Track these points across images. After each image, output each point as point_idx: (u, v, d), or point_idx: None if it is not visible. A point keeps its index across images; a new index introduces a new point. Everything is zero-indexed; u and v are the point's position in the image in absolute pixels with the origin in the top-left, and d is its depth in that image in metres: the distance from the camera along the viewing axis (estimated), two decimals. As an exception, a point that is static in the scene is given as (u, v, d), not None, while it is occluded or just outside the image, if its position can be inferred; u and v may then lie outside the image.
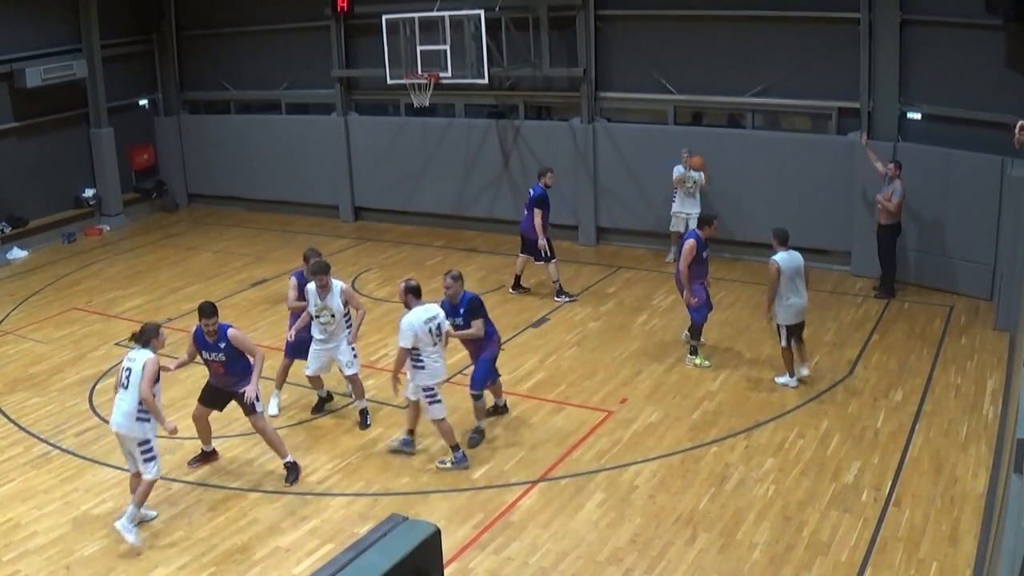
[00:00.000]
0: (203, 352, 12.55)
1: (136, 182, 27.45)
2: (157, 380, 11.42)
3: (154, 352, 11.60)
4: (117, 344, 17.58)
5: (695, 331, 15.82)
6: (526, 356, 16.23)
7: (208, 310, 12.35)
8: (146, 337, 11.67)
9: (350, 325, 14.11)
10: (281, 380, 14.94)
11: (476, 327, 13.23)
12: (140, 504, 11.42)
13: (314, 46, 25.06)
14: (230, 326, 12.46)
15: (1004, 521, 7.52)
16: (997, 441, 12.71)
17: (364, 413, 14.26)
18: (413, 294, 12.70)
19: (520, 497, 12.05)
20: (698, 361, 15.74)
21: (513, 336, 17.13)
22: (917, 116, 18.64)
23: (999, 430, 12.98)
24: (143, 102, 27.68)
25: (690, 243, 15.27)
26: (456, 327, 13.20)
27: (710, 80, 20.64)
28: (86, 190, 25.91)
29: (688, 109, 21.42)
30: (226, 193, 27.34)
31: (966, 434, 13.14)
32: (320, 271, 13.73)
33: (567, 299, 18.68)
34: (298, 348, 14.53)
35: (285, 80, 25.98)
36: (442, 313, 12.85)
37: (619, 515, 11.58)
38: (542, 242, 18.38)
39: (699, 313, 15.66)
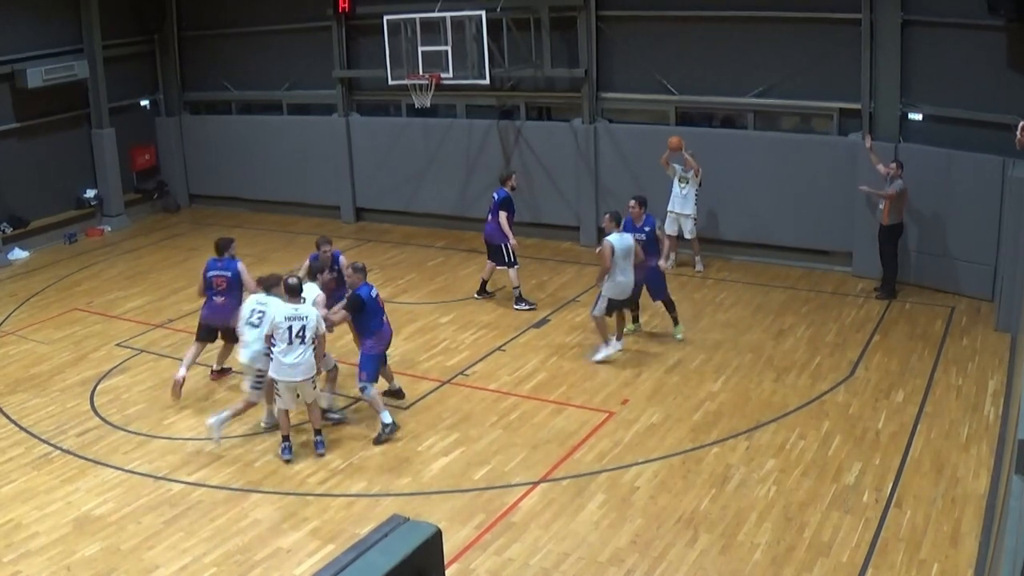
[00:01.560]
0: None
1: (137, 183, 27.44)
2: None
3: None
4: (118, 345, 17.60)
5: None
6: (528, 357, 16.24)
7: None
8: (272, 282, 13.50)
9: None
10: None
11: (337, 316, 13.78)
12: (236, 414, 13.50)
13: (315, 47, 25.07)
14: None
15: (1005, 522, 7.51)
16: (998, 442, 12.71)
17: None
18: (289, 291, 13.04)
19: (521, 498, 12.05)
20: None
21: (515, 337, 17.15)
22: (918, 117, 18.63)
23: (1000, 431, 12.98)
24: (144, 103, 27.68)
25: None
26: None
27: (711, 81, 20.64)
28: (87, 191, 25.91)
29: (689, 110, 21.39)
30: (227, 194, 27.34)
31: (967, 435, 13.13)
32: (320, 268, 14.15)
33: (526, 307, 18.49)
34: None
35: (286, 81, 25.99)
36: (313, 315, 12.90)
37: (620, 516, 11.57)
38: (513, 242, 18.30)
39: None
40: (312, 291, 13.58)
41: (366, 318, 13.63)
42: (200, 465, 13.18)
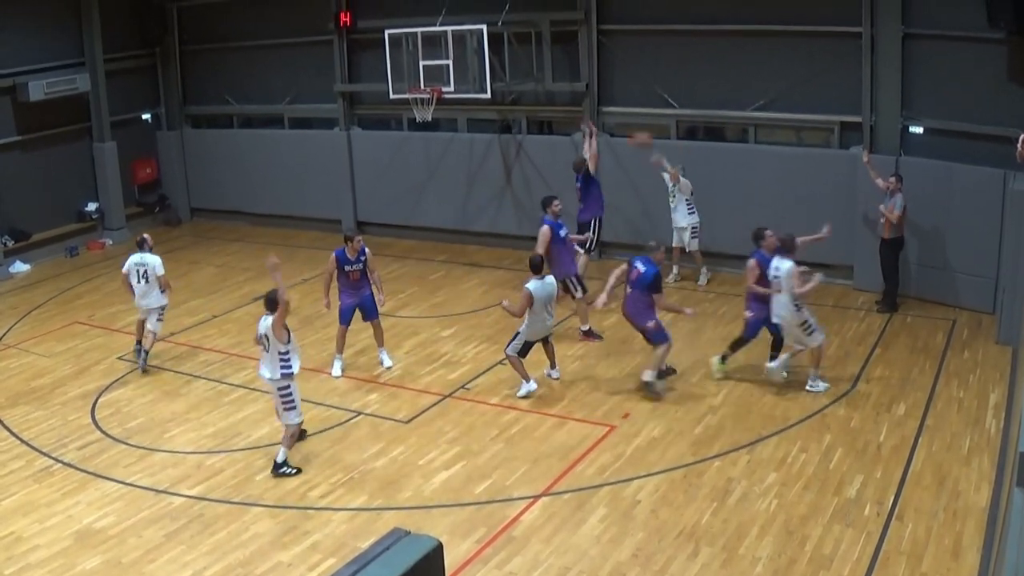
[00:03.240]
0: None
1: (139, 196, 27.52)
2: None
3: None
4: (119, 358, 17.60)
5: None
6: (529, 370, 16.21)
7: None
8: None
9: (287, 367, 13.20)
10: (341, 345, 16.60)
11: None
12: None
13: (317, 61, 25.13)
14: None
15: (1007, 536, 7.51)
16: (1000, 455, 12.69)
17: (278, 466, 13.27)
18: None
19: (522, 512, 12.03)
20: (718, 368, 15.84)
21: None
22: (919, 130, 18.65)
23: (1002, 444, 12.96)
24: (146, 116, 27.78)
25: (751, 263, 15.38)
26: None
27: (712, 94, 20.66)
28: (89, 204, 25.99)
29: (690, 123, 21.40)
30: (228, 207, 27.38)
31: (969, 448, 13.11)
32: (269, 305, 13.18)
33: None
34: (345, 314, 16.38)
35: (288, 95, 26.05)
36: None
37: (621, 530, 11.56)
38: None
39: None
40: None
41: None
42: (201, 479, 13.17)
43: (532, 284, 14.98)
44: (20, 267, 23.77)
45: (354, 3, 24.23)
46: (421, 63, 20.80)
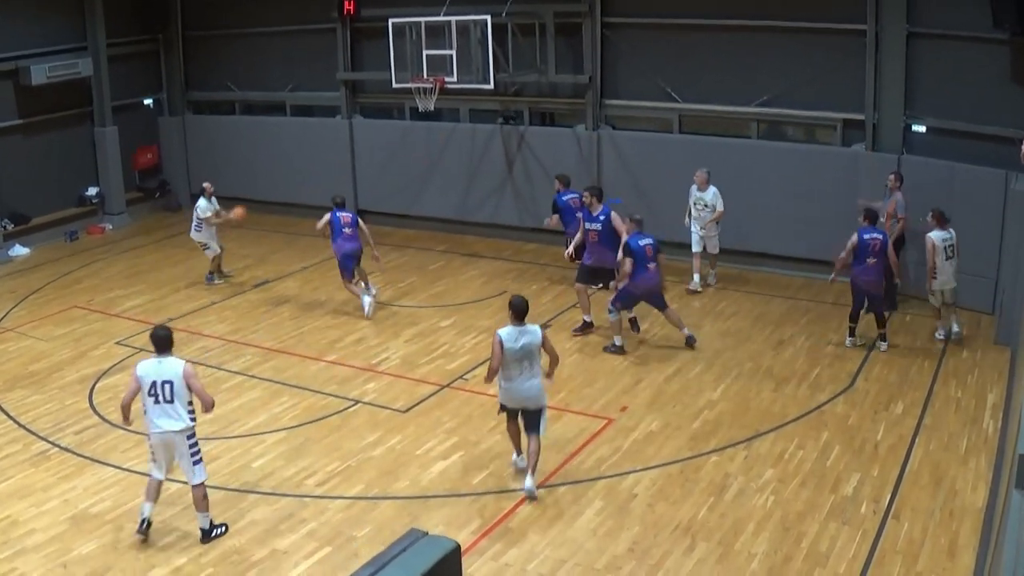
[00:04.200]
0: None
1: (139, 181, 27.47)
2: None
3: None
4: (118, 343, 17.60)
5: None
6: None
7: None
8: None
9: (192, 414, 11.38)
10: (358, 286, 18.77)
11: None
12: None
13: (320, 49, 25.09)
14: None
15: (1004, 536, 7.51)
16: (997, 455, 12.70)
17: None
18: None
19: (519, 504, 12.03)
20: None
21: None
22: (922, 129, 18.65)
23: (999, 444, 12.97)
24: (148, 102, 27.73)
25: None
26: None
27: (715, 89, 20.63)
28: (89, 188, 25.95)
29: (693, 118, 21.38)
30: (229, 194, 27.12)
31: (966, 448, 13.13)
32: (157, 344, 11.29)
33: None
34: (344, 264, 18.44)
35: (290, 82, 26.02)
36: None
37: (618, 523, 11.56)
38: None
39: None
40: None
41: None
42: (198, 465, 13.17)
43: (503, 330, 12.04)
44: (19, 251, 23.75)
45: (358, -9, 24.21)
46: (424, 52, 20.76)
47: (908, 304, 18.29)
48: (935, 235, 16.09)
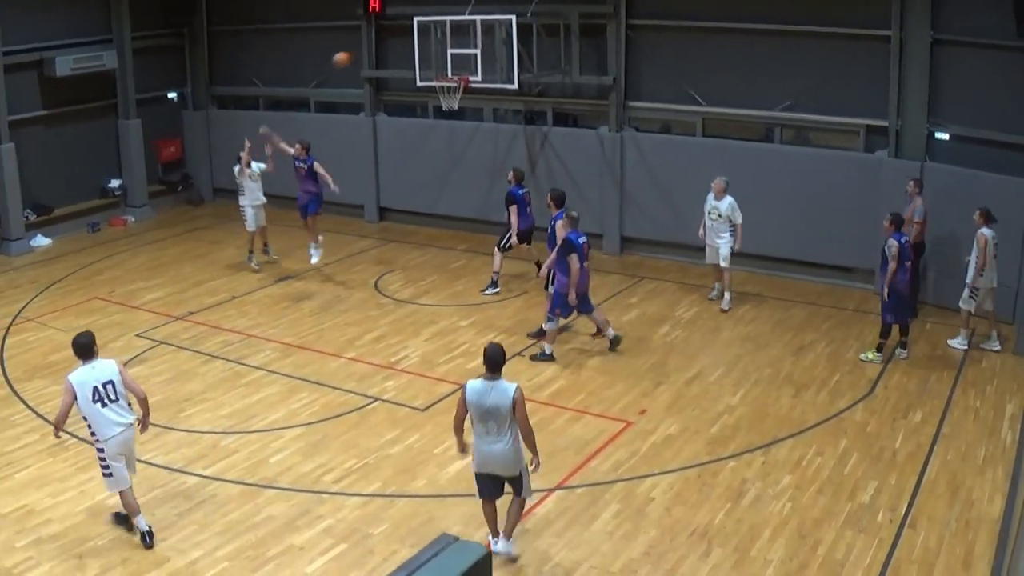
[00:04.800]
0: None
1: (162, 174, 27.56)
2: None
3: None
4: (138, 335, 17.67)
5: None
6: (547, 363, 16.22)
7: None
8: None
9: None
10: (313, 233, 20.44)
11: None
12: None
13: (345, 46, 25.01)
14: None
15: (1020, 547, 7.50)
16: (1014, 466, 12.66)
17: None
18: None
19: (536, 505, 12.01)
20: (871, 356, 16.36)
21: (534, 343, 17.12)
22: (945, 136, 18.56)
23: (1017, 455, 12.93)
24: (172, 95, 27.81)
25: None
26: None
27: (739, 93, 20.59)
28: (112, 181, 26.04)
29: (716, 121, 21.33)
30: (252, 188, 27.37)
31: (983, 458, 13.07)
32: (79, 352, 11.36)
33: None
34: (304, 206, 20.64)
35: (315, 79, 26.04)
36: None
37: (634, 527, 11.56)
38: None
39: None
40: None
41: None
42: (215, 459, 13.22)
43: (472, 382, 10.75)
44: (41, 241, 23.86)
45: (384, -11, 24.24)
46: (449, 51, 20.79)
47: (927, 312, 18.23)
48: (987, 231, 16.11)
